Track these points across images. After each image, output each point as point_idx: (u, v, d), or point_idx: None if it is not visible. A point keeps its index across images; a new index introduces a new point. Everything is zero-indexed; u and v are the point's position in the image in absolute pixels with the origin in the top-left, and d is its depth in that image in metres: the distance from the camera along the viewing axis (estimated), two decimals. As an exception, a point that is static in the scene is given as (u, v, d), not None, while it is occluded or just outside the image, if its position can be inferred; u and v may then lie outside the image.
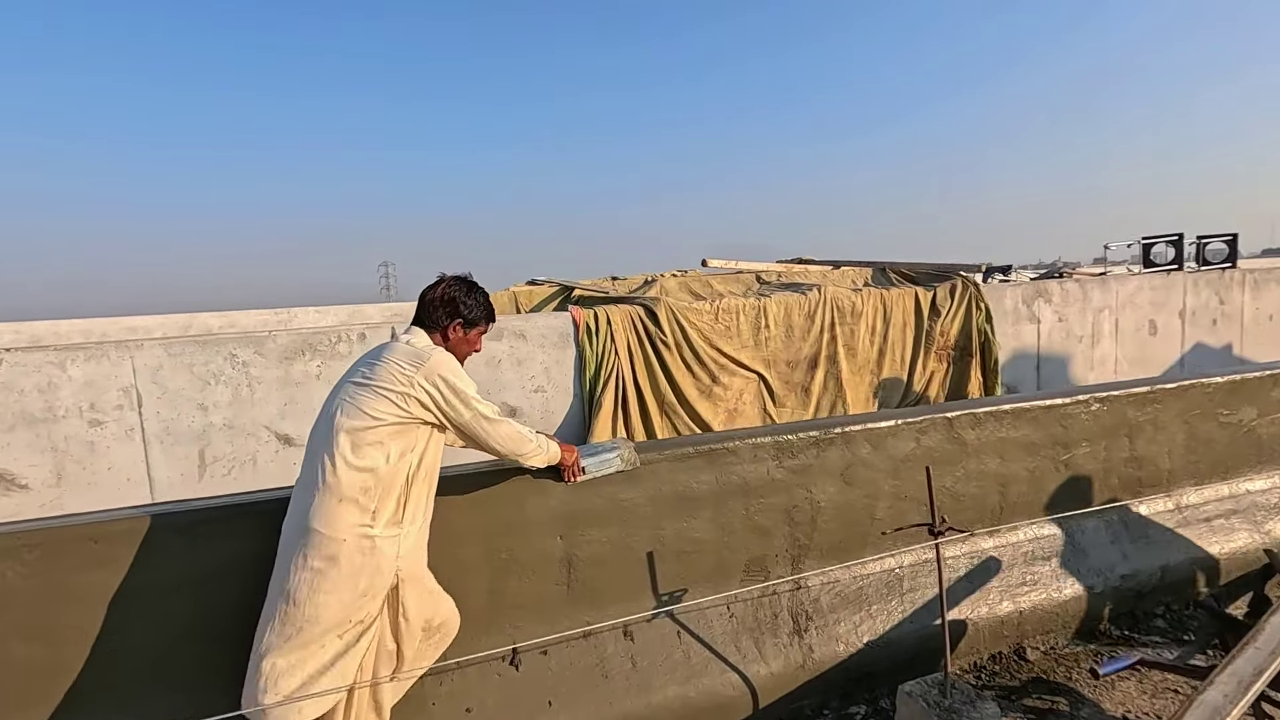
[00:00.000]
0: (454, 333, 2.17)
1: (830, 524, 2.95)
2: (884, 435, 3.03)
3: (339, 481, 1.90)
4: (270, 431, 4.28)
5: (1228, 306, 9.26)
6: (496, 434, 2.12)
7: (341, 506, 1.90)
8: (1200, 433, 3.67)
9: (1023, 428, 3.27)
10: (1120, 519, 3.47)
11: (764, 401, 5.90)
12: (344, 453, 1.91)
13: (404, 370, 1.97)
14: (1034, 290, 7.39)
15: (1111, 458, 3.47)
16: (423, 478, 2.06)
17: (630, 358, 5.32)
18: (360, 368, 2.06)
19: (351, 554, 1.90)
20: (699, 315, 5.60)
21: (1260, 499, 3.75)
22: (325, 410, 2.04)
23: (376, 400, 1.95)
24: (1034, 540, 3.29)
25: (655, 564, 2.68)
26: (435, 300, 2.15)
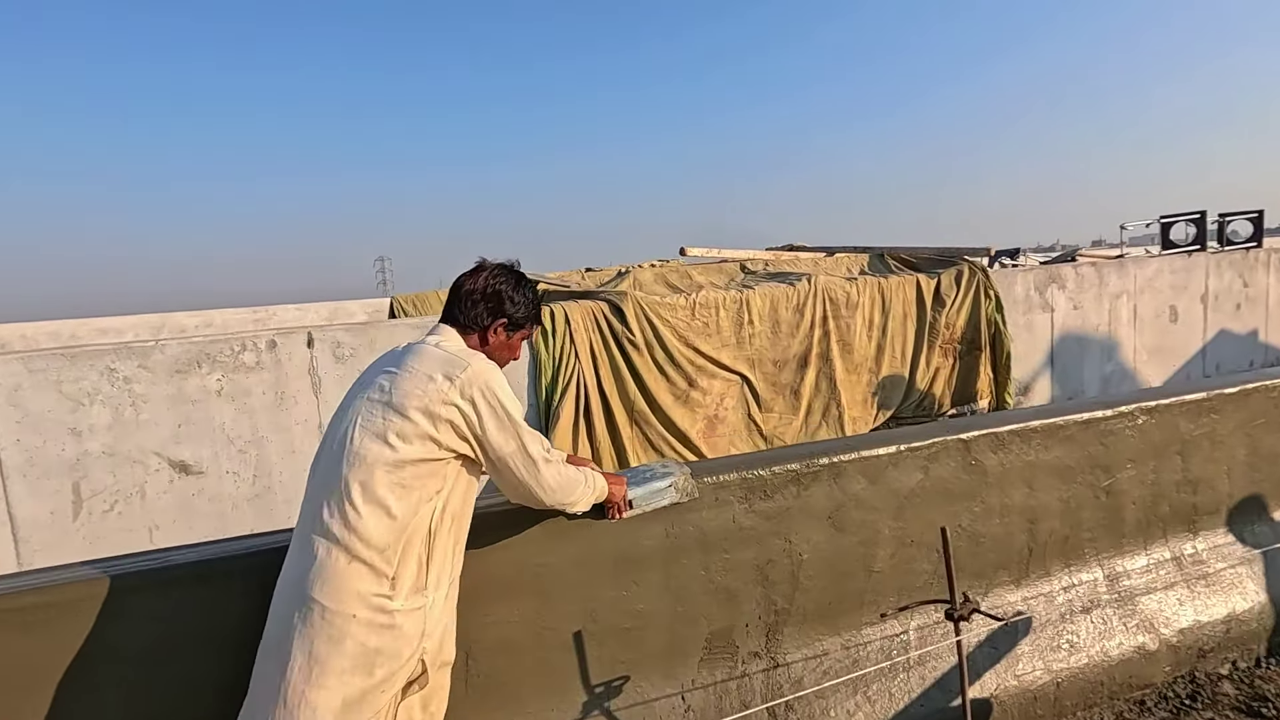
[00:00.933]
0: (495, 335, 1.71)
1: (816, 581, 2.31)
2: (883, 465, 2.39)
3: (350, 536, 1.44)
4: (162, 458, 3.65)
5: (1252, 289, 8.61)
6: (544, 480, 1.63)
7: (352, 570, 1.44)
8: (1265, 446, 3.03)
9: (1055, 449, 2.64)
10: (1174, 557, 2.84)
11: (748, 406, 5.26)
12: (355, 496, 1.45)
13: (435, 381, 1.51)
14: (1047, 276, 6.74)
15: (1161, 481, 2.83)
16: (449, 527, 1.58)
17: (593, 360, 4.68)
18: (378, 377, 1.58)
19: (363, 634, 1.43)
20: (672, 311, 4.95)
21: (1337, 524, 3.12)
22: (332, 434, 1.57)
23: (399, 422, 1.49)
24: (1071, 589, 2.65)
25: (585, 646, 2.05)
26: (476, 293, 1.69)
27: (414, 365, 1.55)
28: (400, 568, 1.48)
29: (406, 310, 5.75)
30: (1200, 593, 2.78)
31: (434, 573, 1.54)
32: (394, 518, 1.46)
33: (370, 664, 1.44)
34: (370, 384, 1.58)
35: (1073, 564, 2.69)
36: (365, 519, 1.44)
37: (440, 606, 1.57)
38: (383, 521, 1.45)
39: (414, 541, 1.50)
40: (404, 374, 1.54)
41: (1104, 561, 2.73)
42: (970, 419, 2.56)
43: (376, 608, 1.44)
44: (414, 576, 1.50)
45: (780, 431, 5.38)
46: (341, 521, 1.44)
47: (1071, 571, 2.68)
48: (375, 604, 1.44)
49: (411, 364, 1.56)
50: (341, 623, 1.42)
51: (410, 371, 1.54)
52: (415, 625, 1.49)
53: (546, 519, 1.94)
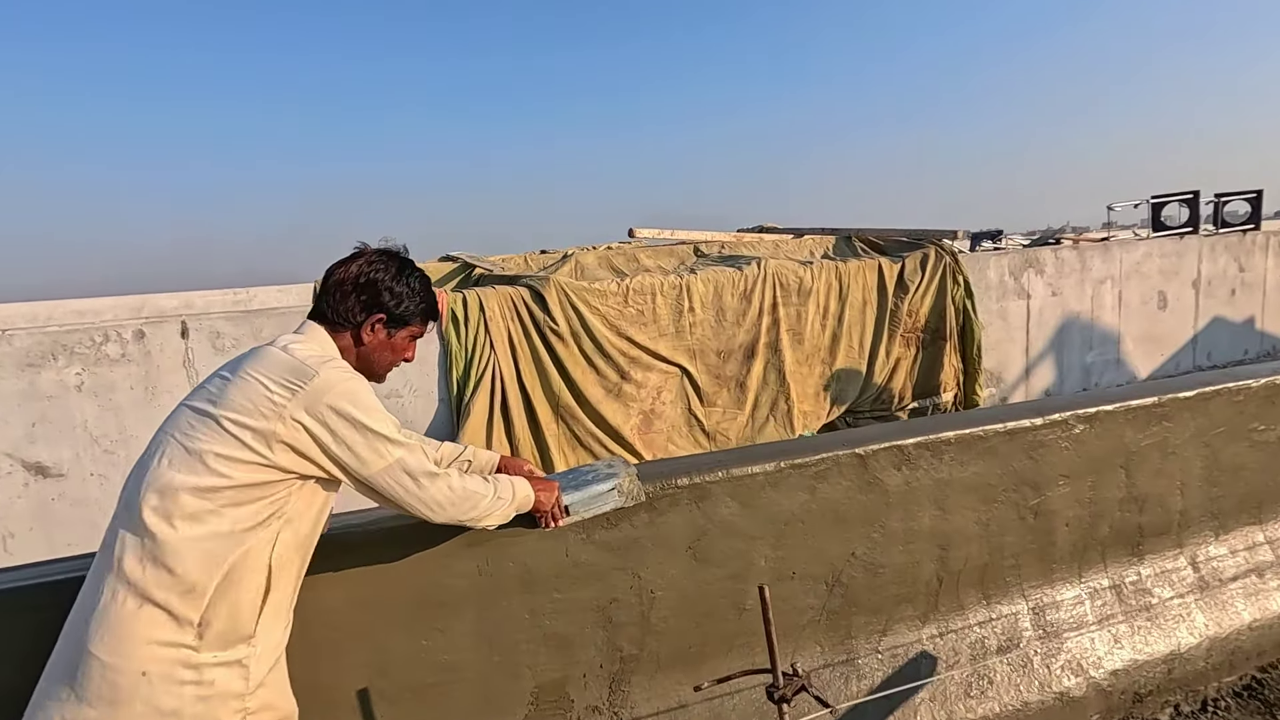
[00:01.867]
0: (372, 334, 1.46)
1: (672, 623, 1.97)
2: (758, 485, 2.03)
3: (142, 574, 1.18)
4: (14, 460, 3.32)
5: (1249, 274, 8.17)
6: (429, 498, 1.39)
7: (142, 616, 1.18)
8: (1226, 458, 2.66)
9: (973, 464, 2.27)
10: (1113, 586, 2.48)
11: (688, 400, 4.90)
12: (154, 525, 1.20)
13: (270, 393, 1.27)
14: (1023, 260, 6.32)
15: (1101, 499, 2.47)
16: (291, 559, 1.35)
17: (512, 351, 4.32)
18: (209, 383, 1.34)
19: (158, 696, 1.17)
20: (602, 298, 4.57)
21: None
22: (148, 449, 1.31)
23: (220, 440, 1.24)
24: (988, 624, 2.31)
25: (374, 707, 1.72)
26: (347, 283, 1.44)
27: (250, 370, 1.29)
28: (211, 611, 1.22)
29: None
30: (1141, 627, 2.43)
31: (268, 615, 1.30)
32: (208, 554, 1.21)
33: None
34: (198, 392, 1.33)
35: (992, 595, 2.34)
36: (165, 553, 1.19)
37: (272, 655, 1.33)
38: (190, 556, 1.20)
39: (236, 581, 1.24)
40: (237, 381, 1.28)
41: (1030, 592, 2.38)
42: (867, 428, 2.20)
43: (175, 661, 1.19)
44: (232, 621, 1.24)
45: (724, 427, 5.02)
46: (135, 556, 1.19)
47: (990, 604, 2.33)
48: (173, 657, 1.18)
49: (248, 369, 1.30)
50: (127, 683, 1.15)
51: (244, 379, 1.28)
52: (233, 681, 1.24)
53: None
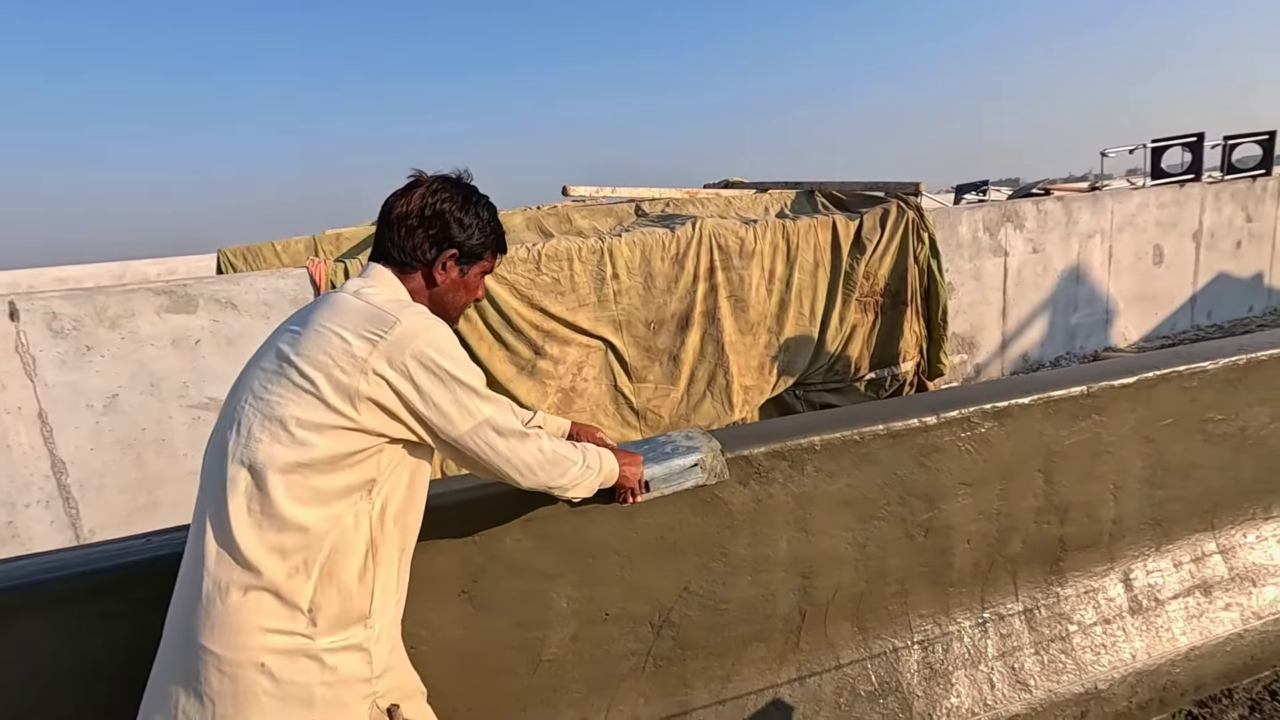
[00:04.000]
0: (445, 273, 1.32)
1: (443, 683, 1.59)
2: (557, 512, 1.63)
3: (242, 559, 1.07)
4: None
5: (1256, 224, 7.54)
6: (518, 460, 1.26)
7: (248, 604, 1.06)
8: (1173, 455, 2.23)
9: (846, 474, 1.86)
10: (1024, 612, 2.09)
11: (614, 376, 4.49)
12: (249, 504, 1.08)
13: (350, 346, 1.12)
14: (999, 214, 5.77)
15: (1012, 510, 2.06)
16: (393, 531, 1.21)
17: (405, 328, 3.87)
18: (279, 340, 1.18)
19: (281, 687, 1.06)
20: (509, 265, 4.13)
21: (1268, 556, 2.34)
22: (221, 420, 1.18)
23: (300, 404, 1.10)
24: (861, 664, 1.93)
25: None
26: (412, 216, 1.28)
27: (324, 322, 1.15)
28: (319, 595, 1.10)
29: (235, 265, 4.98)
30: (1053, 659, 2.05)
31: (379, 595, 1.18)
32: (308, 530, 1.09)
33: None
34: (270, 348, 1.18)
35: (870, 630, 1.95)
36: (264, 535, 1.07)
37: (390, 633, 1.23)
38: (292, 536, 1.08)
39: (342, 560, 1.12)
40: (310, 335, 1.14)
41: (918, 624, 1.99)
42: (721, 430, 1.79)
43: (293, 650, 1.07)
44: (343, 604, 1.13)
45: (655, 405, 4.62)
46: (230, 541, 1.07)
47: (867, 640, 1.95)
48: (290, 645, 1.07)
49: (321, 320, 1.15)
50: (247, 676, 1.05)
51: (318, 332, 1.13)
52: (357, 665, 1.14)
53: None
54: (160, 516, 3.33)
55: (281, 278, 3.67)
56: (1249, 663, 2.19)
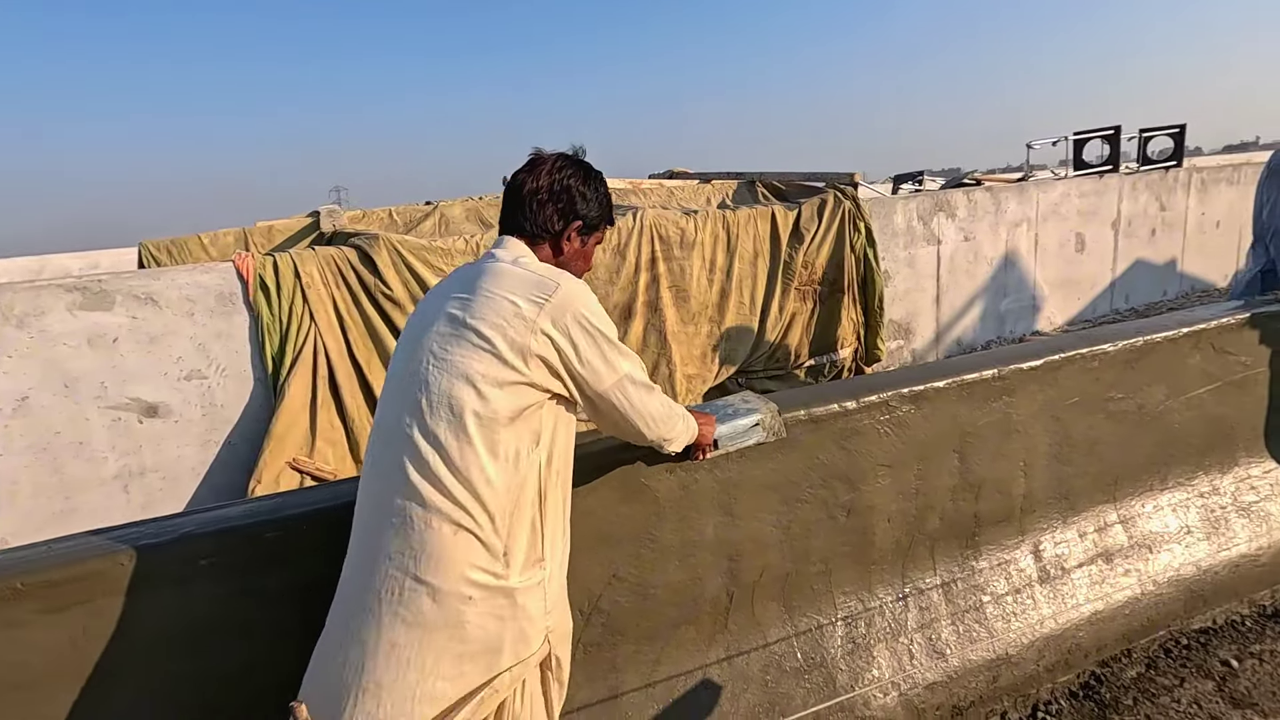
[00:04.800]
0: (570, 243, 1.43)
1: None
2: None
3: (450, 502, 1.17)
4: None
5: (1170, 213, 7.98)
6: (648, 409, 1.39)
7: (459, 542, 1.17)
8: (1078, 432, 2.37)
9: (769, 459, 1.92)
10: (942, 585, 2.19)
11: (557, 367, 4.45)
12: (451, 454, 1.18)
13: (520, 308, 1.23)
14: (933, 204, 5.97)
15: (930, 489, 2.16)
16: (556, 482, 1.33)
17: (339, 321, 3.82)
18: (447, 306, 1.28)
19: (482, 619, 1.19)
20: (447, 257, 4.07)
21: (1163, 524, 2.51)
22: (402, 379, 1.27)
23: (484, 361, 1.20)
24: (788, 641, 1.99)
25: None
26: (542, 192, 1.39)
27: (491, 288, 1.26)
28: (510, 538, 1.23)
29: (158, 259, 4.78)
30: (968, 629, 2.16)
31: (549, 539, 1.31)
32: (499, 478, 1.21)
33: (494, 651, 1.21)
34: (438, 315, 1.28)
35: (796, 608, 2.02)
36: (469, 481, 1.19)
37: (559, 577, 1.36)
38: (487, 484, 1.19)
39: (522, 505, 1.25)
40: (481, 300, 1.25)
41: (842, 601, 2.07)
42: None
43: (493, 587, 1.20)
44: (528, 547, 1.26)
45: (600, 395, 4.60)
46: (436, 485, 1.18)
47: (794, 618, 2.02)
48: (490, 582, 1.20)
49: (488, 287, 1.27)
50: (457, 605, 1.17)
51: (488, 296, 1.25)
52: (537, 603, 1.27)
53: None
54: (77, 522, 3.20)
55: (205, 272, 3.53)
56: (1145, 624, 2.35)
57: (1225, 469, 2.67)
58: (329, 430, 3.77)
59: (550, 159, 1.43)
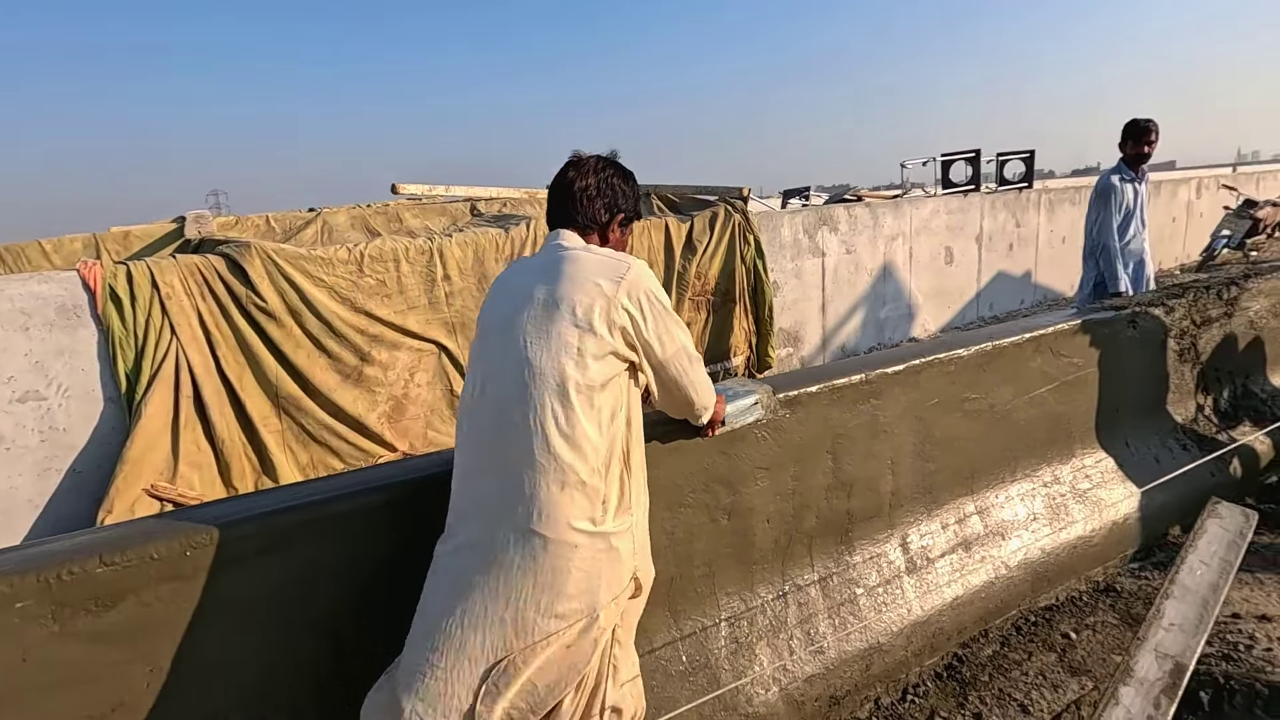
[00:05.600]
0: (614, 233, 1.61)
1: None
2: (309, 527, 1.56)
3: (557, 462, 1.33)
4: None
5: (1024, 229, 8.80)
6: (697, 378, 1.59)
7: (565, 497, 1.34)
8: (939, 431, 2.56)
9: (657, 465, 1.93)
10: (820, 580, 2.30)
11: (449, 380, 4.37)
12: (558, 418, 1.35)
13: (601, 286, 1.40)
14: (817, 218, 6.29)
15: (806, 488, 2.26)
16: (636, 442, 1.50)
17: (206, 335, 3.56)
18: (533, 289, 1.43)
19: (587, 561, 1.35)
20: (328, 267, 3.88)
21: (1013, 513, 2.75)
22: (495, 355, 1.43)
23: (579, 334, 1.37)
24: (674, 645, 2.02)
25: None
26: (591, 189, 1.55)
27: (574, 272, 1.42)
28: (607, 489, 1.40)
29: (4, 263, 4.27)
30: (843, 621, 2.27)
31: (634, 490, 1.49)
32: (595, 438, 1.37)
33: (596, 589, 1.37)
34: (526, 298, 1.42)
35: (681, 612, 2.06)
36: (573, 442, 1.35)
37: (643, 524, 1.54)
38: (587, 443, 1.36)
39: (612, 462, 1.41)
40: (567, 281, 1.41)
41: (725, 602, 2.13)
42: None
43: (594, 534, 1.37)
44: (619, 497, 1.43)
45: (495, 407, 4.52)
46: (545, 447, 1.34)
47: (678, 622, 2.05)
48: (592, 530, 1.37)
49: (569, 270, 1.42)
50: (566, 552, 1.34)
51: (573, 279, 1.41)
52: (627, 546, 1.44)
53: None
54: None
55: (44, 282, 3.18)
56: (999, 605, 2.56)
57: (1064, 460, 2.96)
58: (194, 453, 3.49)
59: (593, 160, 1.60)
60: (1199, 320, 3.45)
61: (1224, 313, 3.54)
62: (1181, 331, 3.37)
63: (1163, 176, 13.73)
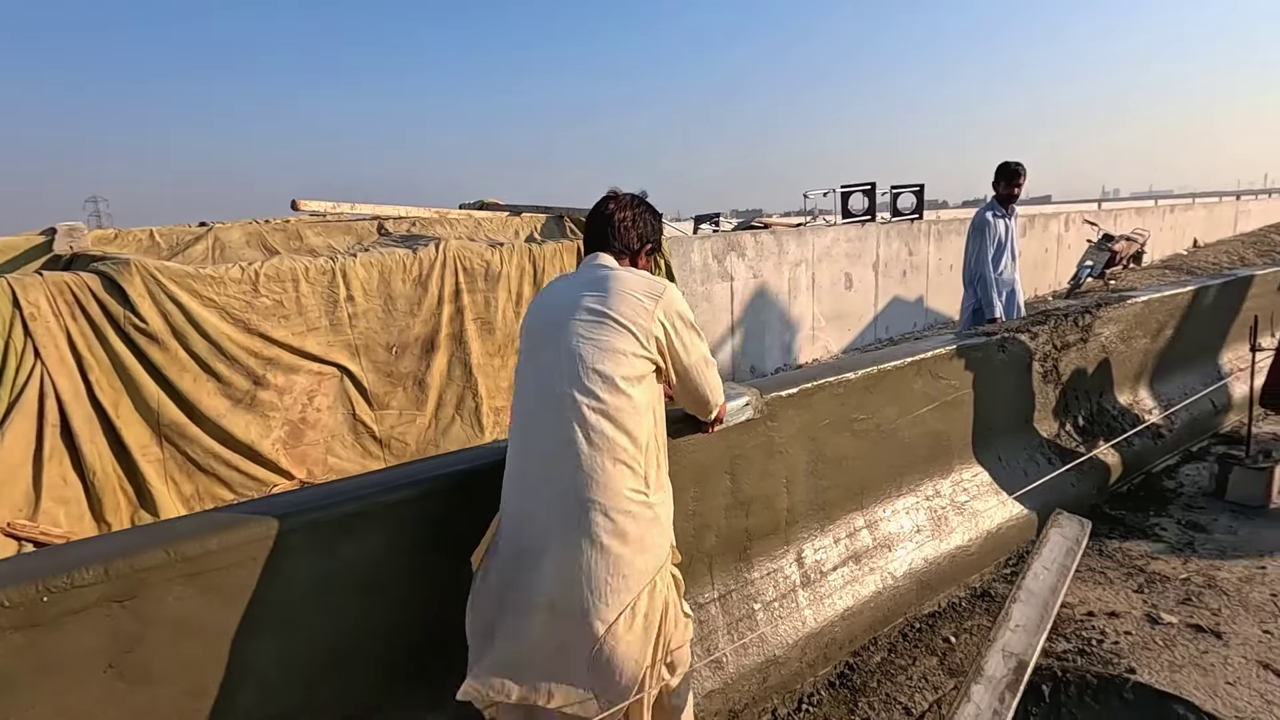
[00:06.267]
0: (643, 259, 1.88)
1: (84, 776, 1.39)
2: (236, 560, 1.50)
3: (608, 442, 1.55)
4: None
5: (916, 257, 9.41)
6: (714, 382, 1.87)
7: (617, 472, 1.55)
8: (830, 450, 2.70)
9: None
10: (719, 600, 2.37)
11: (351, 404, 4.22)
12: (605, 402, 1.57)
13: (643, 302, 1.66)
14: (725, 244, 6.52)
15: (706, 509, 2.34)
16: (662, 431, 1.71)
17: (76, 358, 3.29)
18: (582, 299, 1.66)
19: (639, 527, 1.56)
20: (218, 286, 3.69)
21: (899, 525, 2.93)
22: (547, 353, 1.65)
23: (622, 337, 1.62)
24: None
25: None
26: (628, 220, 1.83)
27: (619, 288, 1.66)
28: (646, 466, 1.61)
29: None
30: (741, 636, 2.35)
31: (664, 471, 1.71)
32: (635, 423, 1.59)
33: (647, 550, 1.56)
34: (575, 306, 1.65)
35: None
36: (619, 425, 1.56)
37: (671, 501, 1.72)
38: (629, 427, 1.57)
39: (650, 445, 1.63)
40: (614, 295, 1.64)
41: (627, 622, 2.16)
42: (421, 464, 1.80)
43: (642, 503, 1.57)
44: (657, 474, 1.65)
45: (400, 432, 4.43)
46: (597, 429, 1.54)
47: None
48: (640, 500, 1.57)
49: (615, 287, 1.66)
50: (621, 519, 1.53)
51: (619, 294, 1.64)
52: (667, 514, 1.67)
53: None
54: None
55: (-119, 300, 2.87)
56: (887, 614, 2.71)
57: (945, 474, 3.19)
58: (59, 486, 3.21)
59: (629, 197, 1.87)
60: (1059, 345, 3.82)
61: (1080, 338, 3.94)
62: (1045, 355, 3.72)
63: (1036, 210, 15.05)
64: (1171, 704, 1.55)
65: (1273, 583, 2.93)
